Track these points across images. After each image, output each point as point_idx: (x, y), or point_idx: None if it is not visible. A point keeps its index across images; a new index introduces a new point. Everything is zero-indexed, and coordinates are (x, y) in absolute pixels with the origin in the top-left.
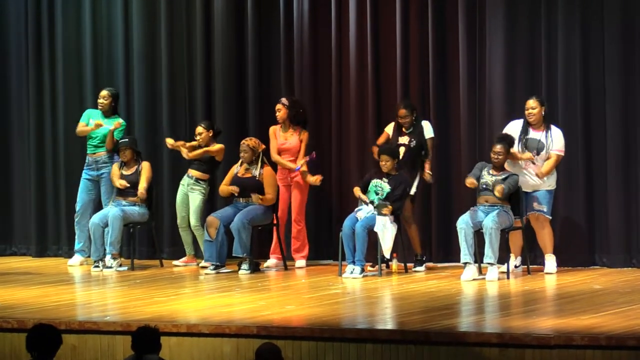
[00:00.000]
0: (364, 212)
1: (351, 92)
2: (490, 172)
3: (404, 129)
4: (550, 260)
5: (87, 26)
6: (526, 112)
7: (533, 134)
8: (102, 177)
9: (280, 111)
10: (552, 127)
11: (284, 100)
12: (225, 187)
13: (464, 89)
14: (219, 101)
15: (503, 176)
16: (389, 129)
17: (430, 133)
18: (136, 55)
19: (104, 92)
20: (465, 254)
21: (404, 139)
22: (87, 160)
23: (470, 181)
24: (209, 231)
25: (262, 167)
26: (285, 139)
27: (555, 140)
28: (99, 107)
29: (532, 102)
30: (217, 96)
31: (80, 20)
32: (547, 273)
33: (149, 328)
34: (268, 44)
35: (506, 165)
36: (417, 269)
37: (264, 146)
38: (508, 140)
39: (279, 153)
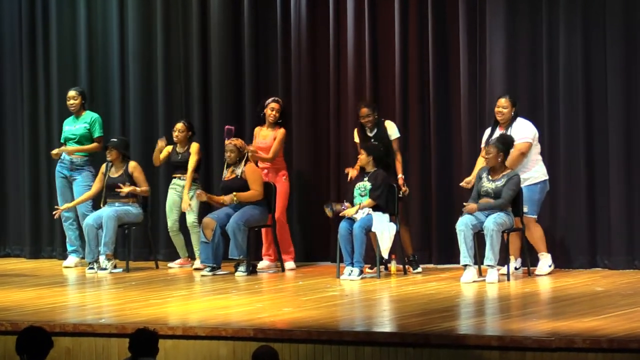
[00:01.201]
0: (360, 213)
1: (349, 91)
2: (489, 176)
3: (367, 132)
4: (543, 260)
5: (82, 23)
6: (496, 109)
7: (497, 132)
8: (74, 179)
9: (278, 112)
10: (518, 119)
11: (279, 100)
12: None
13: (465, 88)
14: (215, 100)
15: (502, 182)
16: (356, 138)
17: (396, 133)
18: (131, 53)
19: (72, 93)
20: (465, 256)
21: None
22: (62, 157)
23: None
24: (205, 233)
25: (244, 165)
26: (264, 138)
27: (517, 132)
28: (70, 109)
29: (503, 101)
30: (214, 95)
31: (75, 17)
32: (537, 275)
33: (148, 331)
34: (265, 42)
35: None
36: (417, 271)
37: (249, 148)
38: (502, 140)
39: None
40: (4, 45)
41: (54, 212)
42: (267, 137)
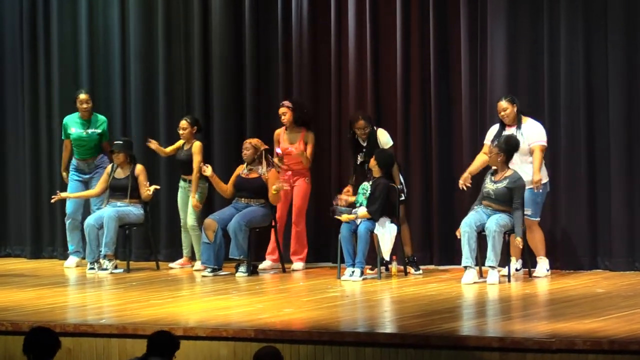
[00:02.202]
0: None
1: (350, 91)
2: (492, 177)
3: (361, 142)
4: (541, 264)
5: (83, 23)
6: (499, 115)
7: (506, 131)
8: (93, 178)
9: (286, 114)
10: (528, 120)
11: (286, 102)
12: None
13: (466, 89)
14: (216, 100)
15: (503, 184)
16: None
17: (388, 141)
18: (133, 53)
19: (85, 96)
20: (467, 258)
21: (361, 156)
22: (75, 164)
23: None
24: (206, 234)
25: (268, 166)
26: (290, 143)
27: (532, 133)
28: (84, 111)
29: (503, 104)
30: (215, 95)
31: (76, 16)
32: (535, 277)
33: (170, 335)
34: (266, 42)
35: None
36: (417, 272)
37: (266, 146)
38: (506, 141)
39: (283, 157)
40: (5, 45)
41: (52, 197)
42: (294, 141)
